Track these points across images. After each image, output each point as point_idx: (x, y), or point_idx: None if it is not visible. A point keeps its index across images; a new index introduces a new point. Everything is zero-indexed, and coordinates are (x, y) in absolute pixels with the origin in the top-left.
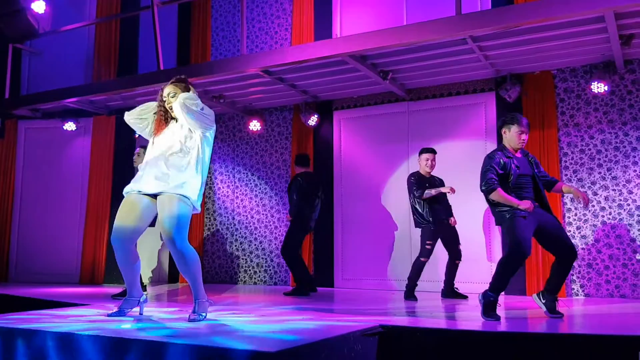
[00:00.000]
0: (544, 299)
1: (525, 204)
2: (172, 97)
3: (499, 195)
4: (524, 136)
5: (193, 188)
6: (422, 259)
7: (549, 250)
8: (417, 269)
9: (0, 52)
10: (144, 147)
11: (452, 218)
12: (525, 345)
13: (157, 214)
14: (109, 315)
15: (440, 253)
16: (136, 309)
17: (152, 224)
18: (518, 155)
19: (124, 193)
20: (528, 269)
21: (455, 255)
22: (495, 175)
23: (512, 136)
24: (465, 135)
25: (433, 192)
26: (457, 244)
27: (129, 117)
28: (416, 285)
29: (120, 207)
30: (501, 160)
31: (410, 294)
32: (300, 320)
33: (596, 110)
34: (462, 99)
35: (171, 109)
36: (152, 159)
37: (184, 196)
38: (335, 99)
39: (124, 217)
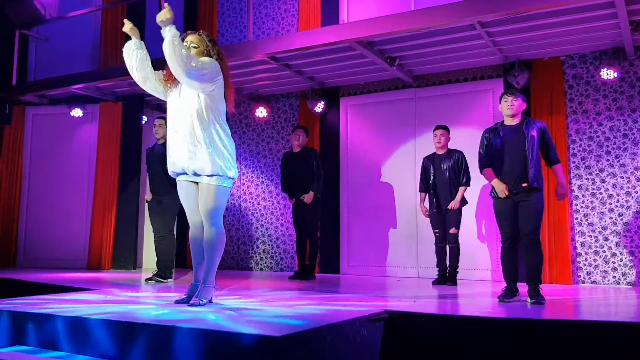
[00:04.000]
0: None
1: (499, 187)
2: (195, 48)
3: (485, 175)
4: (509, 102)
5: (224, 160)
6: (436, 244)
7: None
8: (438, 254)
9: (7, 38)
10: (163, 117)
11: (451, 203)
12: (530, 331)
13: None
14: (176, 302)
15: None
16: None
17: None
18: (513, 124)
19: (173, 176)
20: None
21: (447, 239)
22: (483, 151)
23: (502, 106)
24: (472, 122)
25: (419, 200)
26: (451, 227)
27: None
28: (447, 268)
29: (181, 200)
30: (487, 135)
31: (448, 279)
32: (305, 306)
33: (605, 97)
34: (469, 86)
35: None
36: (175, 137)
37: (220, 175)
38: (342, 85)
39: (192, 211)
